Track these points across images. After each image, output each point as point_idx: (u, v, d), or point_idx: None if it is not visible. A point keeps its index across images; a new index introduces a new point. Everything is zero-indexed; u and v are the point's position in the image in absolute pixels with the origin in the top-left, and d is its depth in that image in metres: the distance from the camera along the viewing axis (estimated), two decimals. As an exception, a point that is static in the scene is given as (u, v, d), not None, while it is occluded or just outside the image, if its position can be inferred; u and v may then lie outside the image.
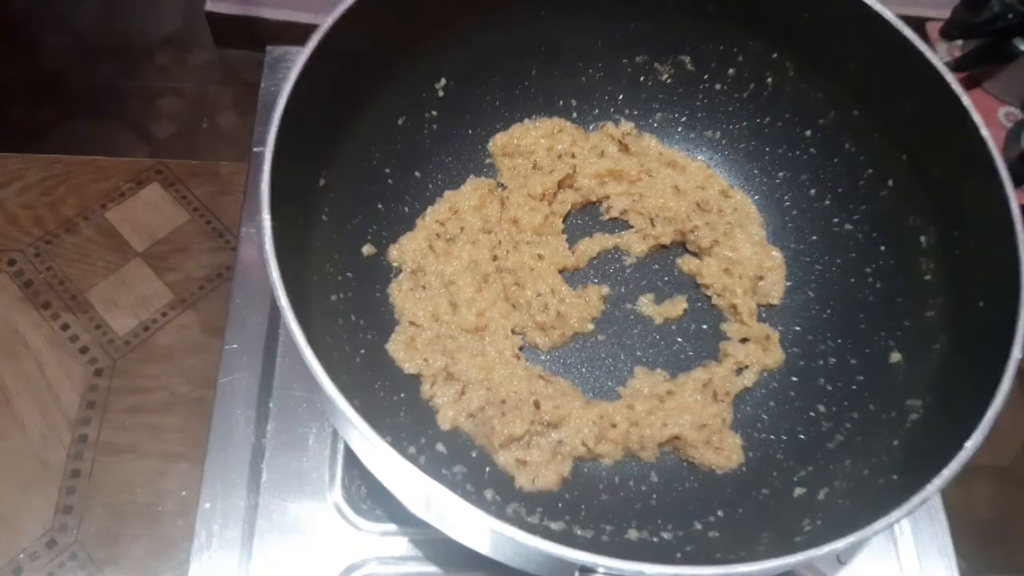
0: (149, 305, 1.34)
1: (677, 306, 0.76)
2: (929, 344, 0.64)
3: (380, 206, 0.75)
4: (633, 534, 0.62)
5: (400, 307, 0.72)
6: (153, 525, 1.16)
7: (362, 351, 0.67)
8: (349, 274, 0.70)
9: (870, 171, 0.73)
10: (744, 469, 0.68)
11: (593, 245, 0.79)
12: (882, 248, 0.71)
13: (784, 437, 0.69)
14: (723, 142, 0.82)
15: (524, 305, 0.73)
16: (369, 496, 0.72)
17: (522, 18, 0.76)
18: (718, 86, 0.80)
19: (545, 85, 0.81)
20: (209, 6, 1.88)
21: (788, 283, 0.77)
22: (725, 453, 0.68)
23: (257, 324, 0.78)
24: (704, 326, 0.76)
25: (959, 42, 1.65)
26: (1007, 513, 1.37)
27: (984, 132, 0.61)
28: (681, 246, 0.80)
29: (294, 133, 0.58)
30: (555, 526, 0.62)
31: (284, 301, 0.52)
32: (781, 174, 0.80)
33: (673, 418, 0.68)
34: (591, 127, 0.84)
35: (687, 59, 0.79)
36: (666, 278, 0.79)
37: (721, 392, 0.70)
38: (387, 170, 0.75)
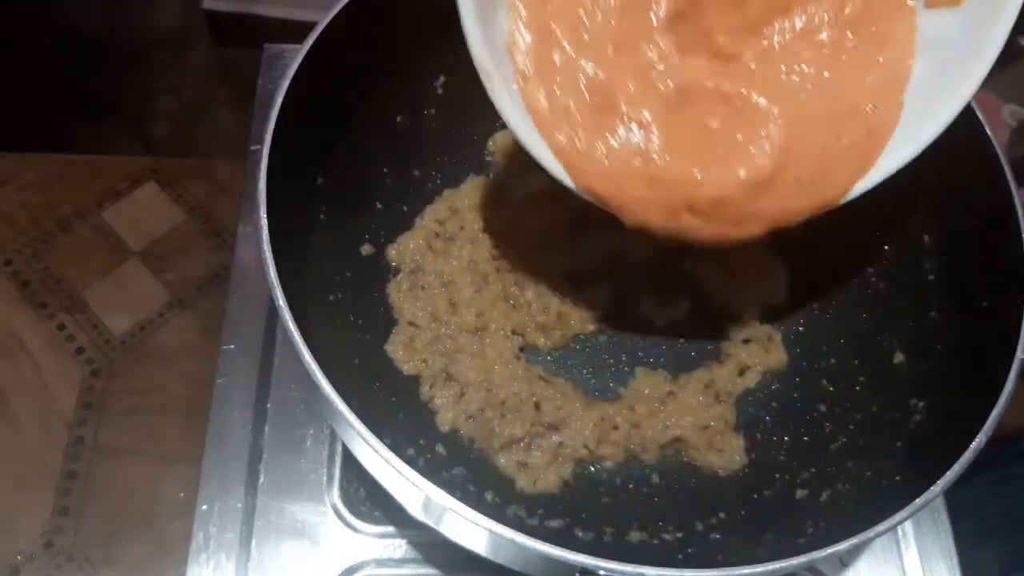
0: (146, 305, 1.32)
1: (679, 307, 0.75)
2: (932, 344, 0.64)
3: (379, 205, 0.74)
4: (634, 536, 0.62)
5: (399, 307, 0.72)
6: (151, 527, 1.15)
7: (361, 352, 0.67)
8: (348, 274, 0.70)
9: (872, 170, 0.72)
10: (746, 471, 0.68)
11: (595, 244, 0.78)
12: (885, 248, 0.71)
13: (787, 438, 0.69)
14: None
15: (524, 305, 0.73)
16: (368, 498, 0.71)
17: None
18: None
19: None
20: (207, 4, 1.87)
21: (790, 283, 0.77)
22: (727, 455, 0.67)
23: (255, 324, 0.77)
24: (706, 326, 0.76)
25: (959, 41, 1.64)
26: (1008, 513, 1.36)
27: (988, 130, 0.60)
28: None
29: (291, 131, 0.58)
30: (556, 528, 0.62)
31: (282, 301, 0.51)
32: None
33: (675, 419, 0.68)
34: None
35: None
36: (668, 278, 0.78)
37: (723, 393, 0.70)
38: (385, 169, 0.75)
